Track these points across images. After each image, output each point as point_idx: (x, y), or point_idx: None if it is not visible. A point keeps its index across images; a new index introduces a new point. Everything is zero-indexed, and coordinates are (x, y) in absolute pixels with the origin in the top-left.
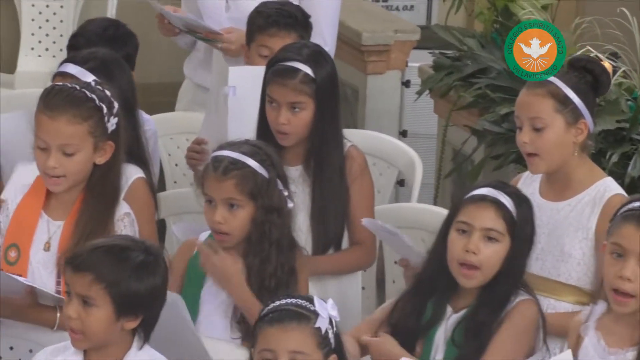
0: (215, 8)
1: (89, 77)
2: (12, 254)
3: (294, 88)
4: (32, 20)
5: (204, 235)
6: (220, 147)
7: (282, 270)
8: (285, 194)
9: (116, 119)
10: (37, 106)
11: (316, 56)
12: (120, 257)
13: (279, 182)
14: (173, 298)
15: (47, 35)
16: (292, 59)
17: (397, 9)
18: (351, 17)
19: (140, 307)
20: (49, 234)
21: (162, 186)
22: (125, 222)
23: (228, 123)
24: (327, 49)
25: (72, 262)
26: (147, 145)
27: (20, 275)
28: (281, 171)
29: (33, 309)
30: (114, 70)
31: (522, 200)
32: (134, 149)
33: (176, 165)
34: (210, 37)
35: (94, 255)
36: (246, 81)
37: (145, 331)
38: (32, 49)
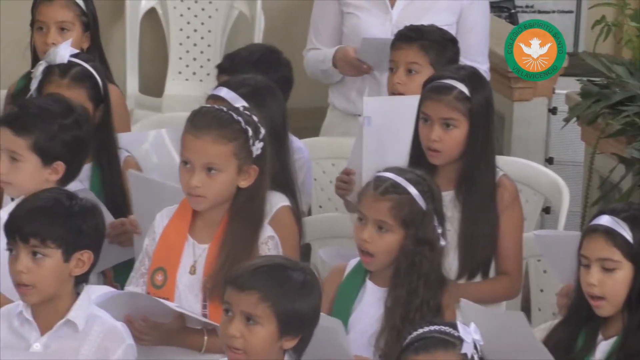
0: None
1: (241, 103)
2: (159, 277)
3: (447, 103)
4: (180, 44)
5: (354, 262)
6: (387, 170)
7: (428, 306)
8: (439, 231)
9: (262, 143)
10: (184, 127)
11: (473, 78)
12: (283, 276)
13: (435, 217)
14: (335, 323)
15: (194, 59)
16: (448, 77)
17: None
18: (499, 44)
19: (301, 326)
20: (195, 257)
21: (307, 210)
22: (270, 245)
23: (363, 154)
24: (487, 66)
25: (235, 281)
26: (295, 174)
27: (167, 299)
28: (440, 207)
29: (182, 333)
30: (266, 98)
31: None
32: (281, 177)
33: (322, 189)
34: None
35: (257, 274)
36: (382, 111)
37: (297, 352)
38: (180, 73)
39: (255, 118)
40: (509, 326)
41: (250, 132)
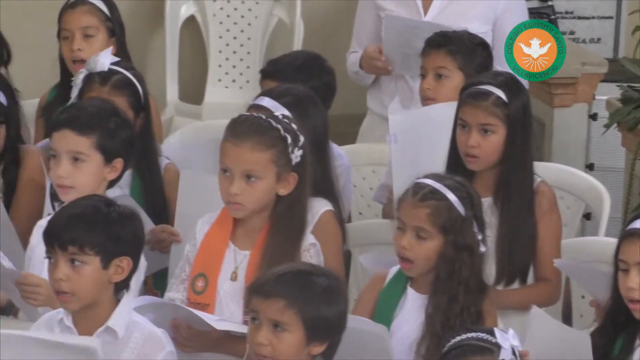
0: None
1: (283, 112)
2: (200, 283)
3: (485, 109)
4: (219, 51)
5: (395, 269)
6: (425, 176)
7: (468, 312)
8: (479, 237)
9: (301, 151)
10: (224, 135)
11: (511, 84)
12: (308, 282)
13: (475, 223)
14: (380, 329)
15: (234, 66)
16: (486, 83)
17: (584, 41)
18: None
19: (328, 332)
20: (236, 263)
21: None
22: (312, 252)
23: (393, 171)
24: None
25: (260, 288)
26: (337, 181)
27: (208, 305)
28: (480, 214)
29: (224, 341)
30: (308, 107)
31: None
32: (323, 184)
33: (361, 196)
34: None
35: (282, 281)
36: (408, 126)
37: (326, 358)
38: (219, 80)
39: (294, 126)
40: (572, 343)
41: (289, 140)
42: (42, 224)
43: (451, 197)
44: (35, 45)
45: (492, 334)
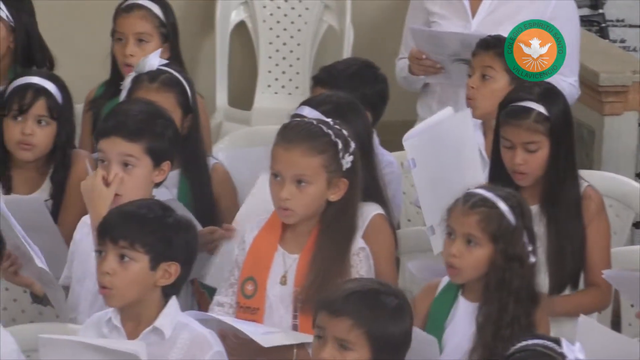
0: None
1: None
2: (249, 287)
3: (527, 128)
4: (269, 57)
5: (446, 279)
6: (477, 186)
7: (519, 323)
8: (529, 248)
9: (352, 157)
10: (275, 140)
11: (548, 94)
12: (377, 302)
13: (525, 234)
14: (429, 340)
15: (283, 72)
16: (524, 99)
17: (634, 49)
18: (589, 58)
19: (394, 350)
20: (285, 267)
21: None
22: (361, 256)
23: (419, 195)
24: (573, 79)
25: (329, 306)
26: (385, 187)
27: (258, 309)
28: (530, 225)
29: (273, 349)
30: (349, 114)
31: None
32: (372, 190)
33: (410, 203)
34: None
35: (351, 300)
36: (424, 146)
37: None
38: (269, 86)
39: (345, 132)
40: (621, 350)
41: (340, 145)
42: (86, 220)
43: (502, 206)
44: (80, 51)
45: (558, 343)
